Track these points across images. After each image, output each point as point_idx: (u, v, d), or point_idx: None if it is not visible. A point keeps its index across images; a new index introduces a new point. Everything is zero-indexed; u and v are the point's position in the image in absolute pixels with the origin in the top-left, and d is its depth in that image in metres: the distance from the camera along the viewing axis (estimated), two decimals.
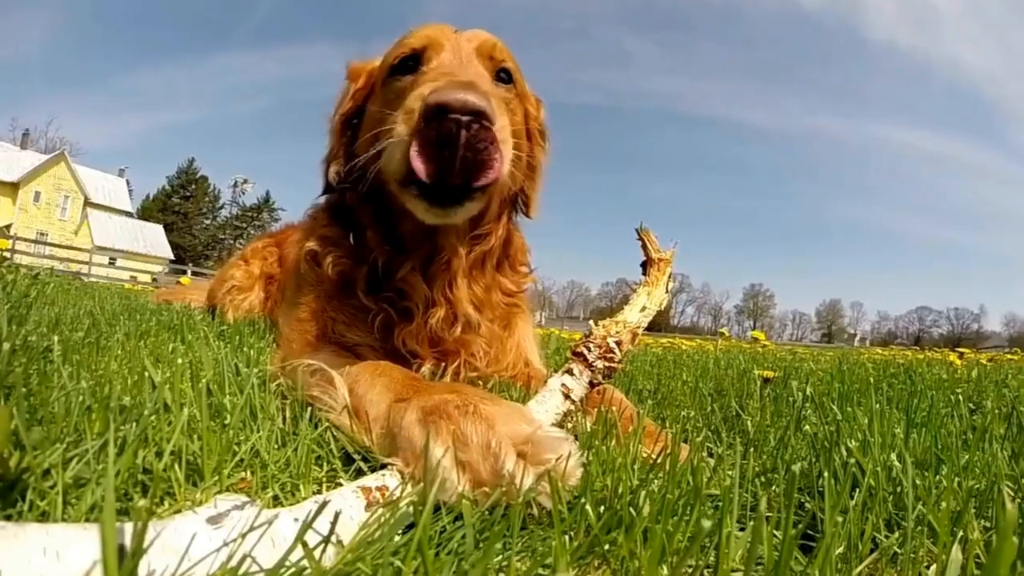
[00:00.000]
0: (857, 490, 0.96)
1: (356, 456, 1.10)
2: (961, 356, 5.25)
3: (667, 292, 1.41)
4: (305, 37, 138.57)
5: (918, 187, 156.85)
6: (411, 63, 1.50)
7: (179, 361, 1.38)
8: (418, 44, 1.49)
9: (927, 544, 0.84)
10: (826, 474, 0.90)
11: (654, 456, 1.03)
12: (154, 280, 30.66)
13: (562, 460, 0.86)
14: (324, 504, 0.69)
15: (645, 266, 1.44)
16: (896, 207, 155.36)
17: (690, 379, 2.49)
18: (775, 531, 0.80)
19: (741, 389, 2.12)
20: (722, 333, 6.36)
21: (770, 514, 0.96)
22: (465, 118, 1.17)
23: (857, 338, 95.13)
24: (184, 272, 31.26)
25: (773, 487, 1.08)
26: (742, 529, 0.89)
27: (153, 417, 1.03)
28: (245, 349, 1.69)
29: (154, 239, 56.71)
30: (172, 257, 56.22)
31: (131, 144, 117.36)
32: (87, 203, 52.02)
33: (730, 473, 1.08)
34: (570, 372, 1.23)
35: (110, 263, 39.00)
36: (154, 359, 1.62)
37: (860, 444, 1.09)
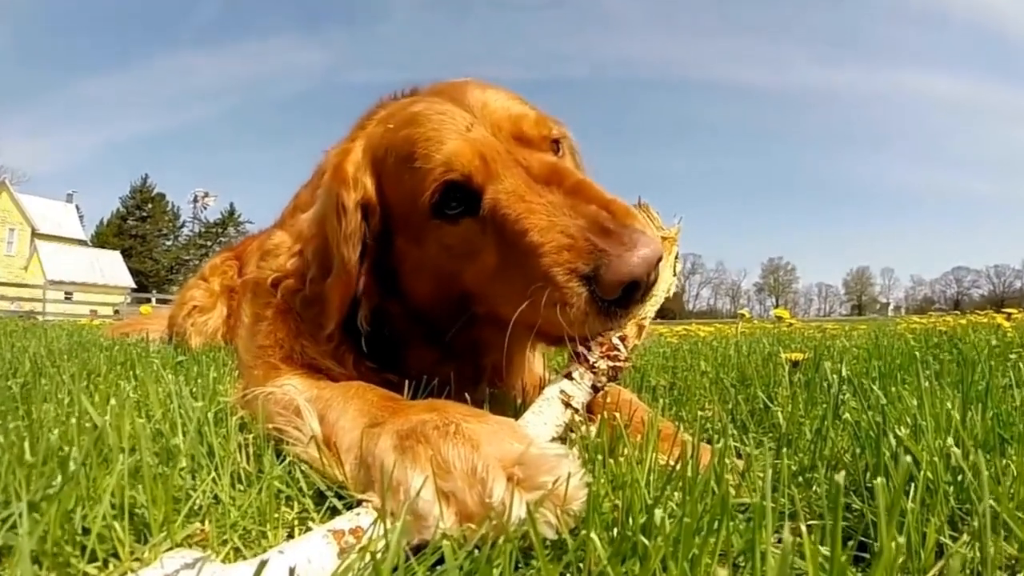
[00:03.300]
0: (912, 485, 0.90)
1: (329, 493, 1.05)
2: (1009, 317, 5.20)
3: (675, 275, 1.33)
4: (258, 30, 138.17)
5: (944, 137, 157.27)
6: (458, 199, 1.32)
7: (122, 398, 1.34)
8: (457, 173, 1.30)
9: (1003, 545, 0.78)
10: (879, 477, 0.84)
11: (671, 463, 0.99)
12: (116, 312, 30.54)
13: (561, 482, 0.80)
14: (263, 564, 0.63)
15: None
16: (922, 161, 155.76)
17: (710, 369, 2.46)
18: (820, 546, 0.74)
19: (767, 376, 2.07)
20: (742, 315, 6.30)
21: (812, 522, 0.91)
22: (651, 278, 1.16)
23: (891, 307, 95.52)
24: (148, 300, 31.19)
25: (813, 488, 1.03)
26: (780, 541, 0.83)
27: (90, 468, 0.98)
28: (200, 380, 1.62)
29: (112, 267, 56.67)
30: (134, 285, 56.18)
31: (78, 165, 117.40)
32: (35, 235, 51.98)
33: (761, 476, 1.03)
34: (569, 376, 1.16)
35: (66, 298, 38.98)
36: (103, 399, 1.56)
37: (911, 430, 1.03)
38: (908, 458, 0.90)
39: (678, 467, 0.93)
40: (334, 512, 1.01)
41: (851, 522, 0.93)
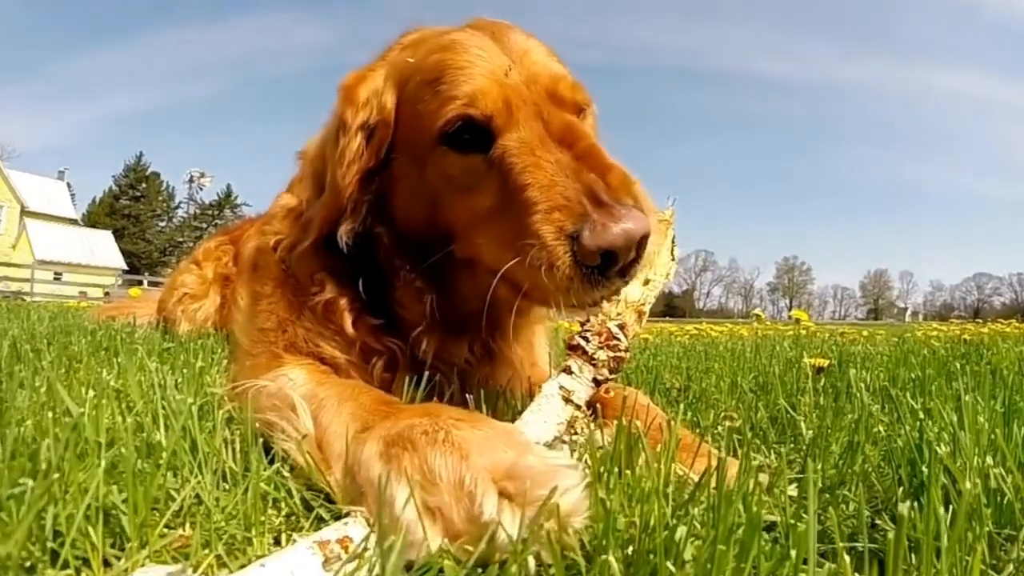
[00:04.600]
0: (950, 507, 0.86)
1: (319, 498, 1.02)
2: None
3: (673, 259, 1.31)
4: (259, 4, 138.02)
5: (969, 138, 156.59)
6: (472, 133, 1.33)
7: (101, 388, 1.30)
8: (479, 111, 1.30)
9: None
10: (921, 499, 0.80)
11: (693, 476, 0.95)
12: (106, 294, 30.65)
13: (560, 495, 0.75)
14: None
15: None
16: (946, 162, 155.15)
17: (726, 372, 2.41)
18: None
19: (790, 382, 2.03)
20: (757, 315, 6.24)
21: (843, 544, 0.87)
22: (632, 253, 1.17)
23: (908, 312, 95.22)
24: (140, 283, 31.25)
25: (846, 506, 0.98)
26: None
27: (65, 464, 0.94)
28: (186, 371, 1.58)
29: (103, 248, 56.88)
30: (125, 267, 56.43)
31: (70, 142, 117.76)
32: (24, 212, 52.12)
33: (791, 492, 0.99)
34: (568, 371, 1.13)
35: (55, 278, 39.05)
36: (82, 388, 1.53)
37: (950, 447, 0.99)
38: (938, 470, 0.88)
39: (702, 479, 0.89)
40: (321, 521, 0.98)
41: (881, 543, 0.89)
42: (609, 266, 1.16)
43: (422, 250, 1.44)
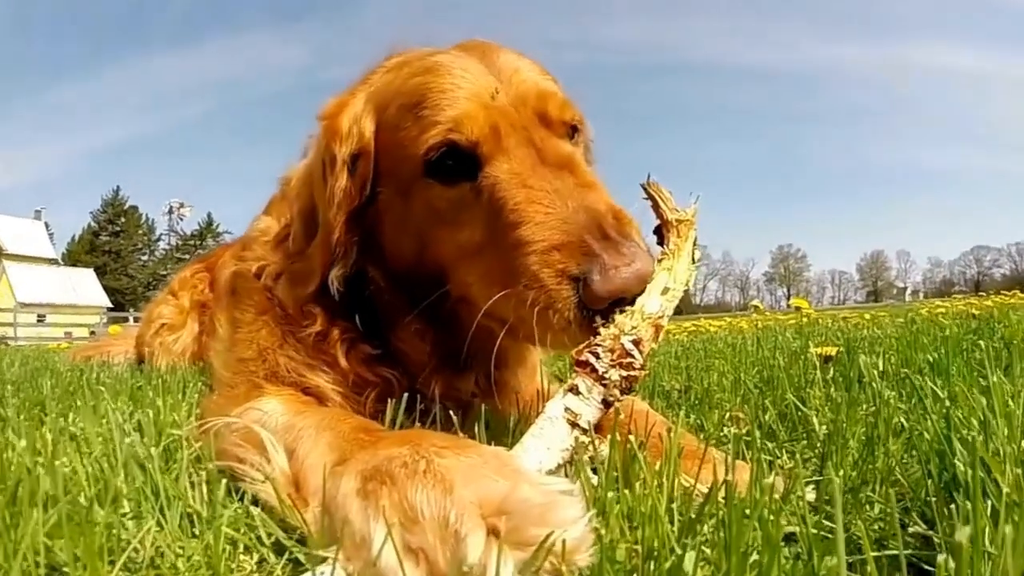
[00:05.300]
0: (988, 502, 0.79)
1: (294, 537, 0.95)
2: None
3: (694, 263, 1.18)
4: (231, 26, 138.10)
5: (960, 112, 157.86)
6: (457, 161, 1.27)
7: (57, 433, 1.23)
8: (464, 137, 1.24)
9: None
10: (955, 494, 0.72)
11: (700, 487, 0.88)
12: (92, 333, 30.37)
13: (561, 532, 0.67)
14: None
15: (659, 232, 1.23)
16: (936, 138, 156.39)
17: (728, 369, 2.35)
18: None
19: (796, 375, 1.97)
20: (756, 306, 6.19)
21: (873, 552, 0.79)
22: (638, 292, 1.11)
23: (908, 291, 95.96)
24: (126, 320, 31.06)
25: (871, 508, 0.91)
26: None
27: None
28: (150, 412, 1.50)
29: (86, 287, 56.60)
30: (109, 304, 56.16)
31: (44, 179, 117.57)
32: (3, 255, 51.78)
33: (809, 497, 0.93)
34: (575, 390, 1.01)
35: (39, 321, 38.80)
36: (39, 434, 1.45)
37: (980, 434, 0.91)
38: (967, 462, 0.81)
39: (710, 494, 0.81)
40: (298, 564, 0.91)
41: (914, 546, 0.83)
42: (613, 308, 1.09)
43: (416, 288, 1.39)
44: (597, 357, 1.02)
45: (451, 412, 1.28)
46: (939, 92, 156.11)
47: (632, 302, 1.08)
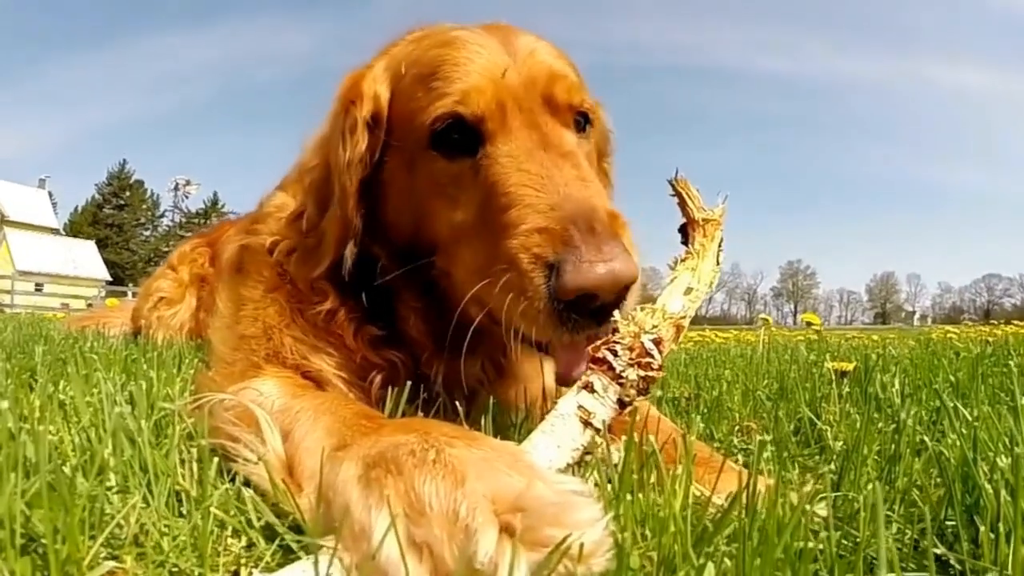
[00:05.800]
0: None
1: (286, 523, 0.93)
2: None
3: (718, 264, 1.17)
4: (246, 8, 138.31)
5: (978, 135, 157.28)
6: (462, 134, 1.29)
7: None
8: (469, 111, 1.26)
9: None
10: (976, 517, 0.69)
11: (717, 498, 0.85)
12: (89, 306, 30.53)
13: (578, 533, 0.63)
14: None
15: (685, 231, 1.20)
16: (954, 160, 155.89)
17: (739, 379, 2.32)
18: None
19: (811, 389, 1.94)
20: (765, 320, 6.14)
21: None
22: (613, 297, 1.09)
23: (917, 316, 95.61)
24: (124, 294, 31.15)
25: (890, 528, 0.88)
26: None
27: None
28: (142, 382, 1.48)
29: (86, 258, 56.73)
30: (108, 277, 56.34)
31: (51, 150, 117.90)
32: (4, 222, 52.05)
33: (821, 512, 0.89)
34: (590, 388, 0.97)
35: (37, 290, 38.92)
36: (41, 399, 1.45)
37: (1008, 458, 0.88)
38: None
39: (731, 505, 0.78)
40: (287, 552, 0.88)
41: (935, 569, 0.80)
42: (584, 305, 1.09)
43: (412, 262, 1.39)
44: (615, 355, 0.98)
45: (457, 403, 1.26)
46: (963, 113, 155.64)
47: (607, 305, 1.08)
